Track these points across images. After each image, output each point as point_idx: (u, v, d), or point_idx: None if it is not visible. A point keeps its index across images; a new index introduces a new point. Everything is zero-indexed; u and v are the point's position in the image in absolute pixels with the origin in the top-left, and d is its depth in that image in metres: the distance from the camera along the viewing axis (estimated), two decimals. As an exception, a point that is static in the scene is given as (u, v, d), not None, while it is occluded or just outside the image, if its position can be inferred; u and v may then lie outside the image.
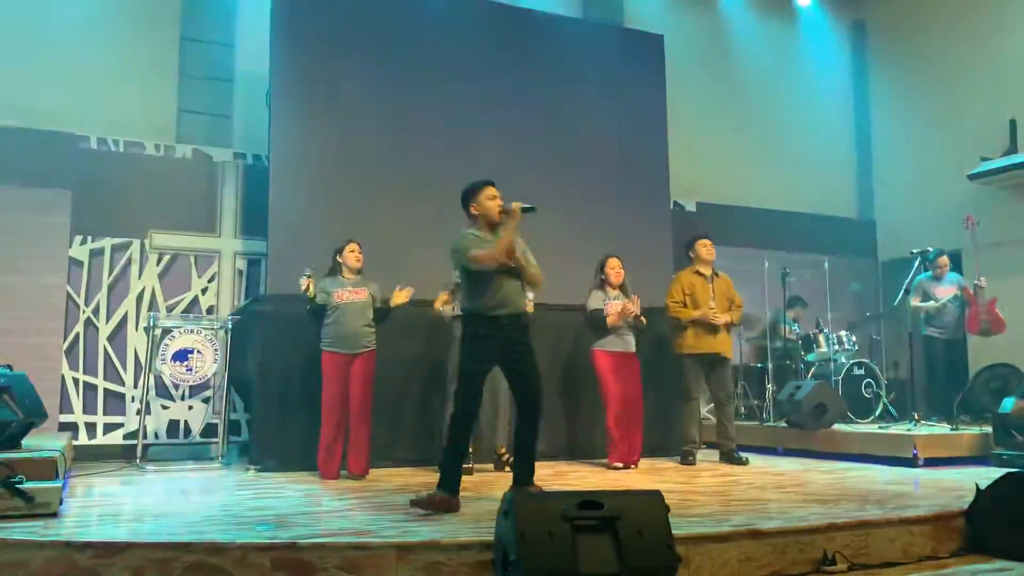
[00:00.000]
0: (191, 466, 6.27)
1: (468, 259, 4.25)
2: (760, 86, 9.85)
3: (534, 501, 3.10)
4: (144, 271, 6.98)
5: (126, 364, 6.86)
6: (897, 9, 10.36)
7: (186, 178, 7.22)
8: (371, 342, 5.77)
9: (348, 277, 5.82)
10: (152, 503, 4.53)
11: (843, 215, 10.38)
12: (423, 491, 4.14)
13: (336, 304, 5.70)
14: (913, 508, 4.06)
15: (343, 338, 5.68)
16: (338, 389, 5.64)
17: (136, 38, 7.36)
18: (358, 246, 5.88)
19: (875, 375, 7.97)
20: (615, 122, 7.87)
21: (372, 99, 7.00)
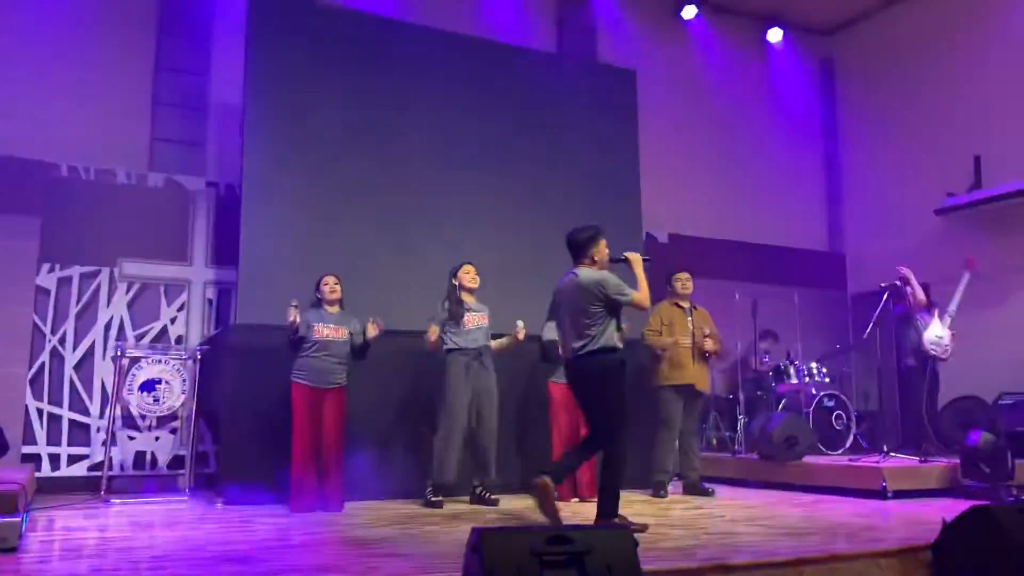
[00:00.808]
0: (157, 499, 6.17)
1: (630, 297, 4.69)
2: (732, 120, 9.99)
3: (502, 536, 3.07)
4: (113, 300, 6.90)
5: (92, 394, 6.75)
6: (865, 47, 10.60)
7: (157, 206, 7.18)
8: (342, 379, 5.75)
9: (330, 311, 5.80)
10: (115, 537, 4.45)
11: (813, 248, 10.51)
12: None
13: (315, 339, 5.67)
14: (881, 541, 4.08)
15: (315, 372, 5.65)
16: (308, 422, 5.59)
17: (109, 66, 7.34)
18: (334, 278, 5.86)
19: (845, 406, 8.03)
20: (588, 155, 7.93)
21: (346, 130, 7.01)
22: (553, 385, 6.32)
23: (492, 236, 7.29)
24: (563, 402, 6.22)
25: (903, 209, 9.67)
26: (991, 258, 8.69)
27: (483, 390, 6.01)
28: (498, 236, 7.32)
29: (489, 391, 6.04)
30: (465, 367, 5.95)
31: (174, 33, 7.56)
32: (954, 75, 9.35)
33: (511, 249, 7.34)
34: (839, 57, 11.02)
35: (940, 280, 8.97)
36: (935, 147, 9.43)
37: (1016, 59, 8.77)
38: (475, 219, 7.27)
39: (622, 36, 9.31)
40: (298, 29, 7.02)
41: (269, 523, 4.94)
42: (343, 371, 5.76)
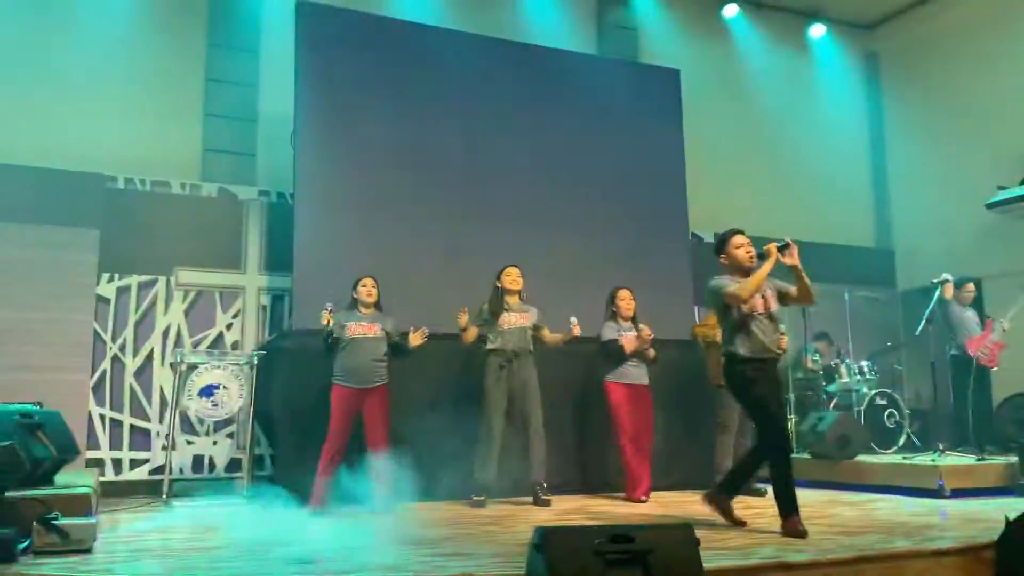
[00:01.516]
0: (217, 501, 6.31)
1: (724, 295, 4.52)
2: (776, 117, 9.92)
3: (565, 535, 3.11)
4: (170, 308, 7.08)
5: (151, 400, 6.93)
6: (909, 40, 10.46)
7: (211, 216, 7.34)
8: (383, 376, 5.81)
9: (363, 311, 5.89)
10: (182, 538, 4.57)
11: (861, 245, 10.40)
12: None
13: (349, 337, 5.75)
14: (941, 540, 4.05)
15: (353, 372, 5.73)
16: (343, 422, 5.67)
17: (162, 79, 7.53)
18: (371, 280, 5.95)
19: (897, 405, 7.94)
20: (634, 156, 7.96)
21: (393, 137, 7.13)
22: (611, 385, 6.35)
23: (538, 239, 7.34)
24: (623, 401, 6.28)
25: (952, 204, 9.53)
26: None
27: (521, 389, 6.06)
28: (544, 239, 7.38)
29: (528, 390, 6.08)
30: (499, 367, 6.02)
31: (224, 45, 7.74)
32: (1001, 66, 9.19)
33: (557, 252, 7.39)
34: (883, 51, 10.90)
35: (992, 275, 8.88)
36: (984, 140, 9.28)
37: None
38: (521, 222, 7.34)
39: (664, 36, 9.31)
40: (345, 39, 7.16)
41: (327, 524, 5.03)
42: (383, 369, 5.81)
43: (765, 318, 4.54)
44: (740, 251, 4.64)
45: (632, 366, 6.37)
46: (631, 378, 6.35)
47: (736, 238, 4.69)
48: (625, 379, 6.34)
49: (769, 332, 4.54)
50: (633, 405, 6.31)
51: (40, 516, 3.82)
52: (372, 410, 5.73)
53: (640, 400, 6.37)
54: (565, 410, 6.61)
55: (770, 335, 4.54)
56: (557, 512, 5.60)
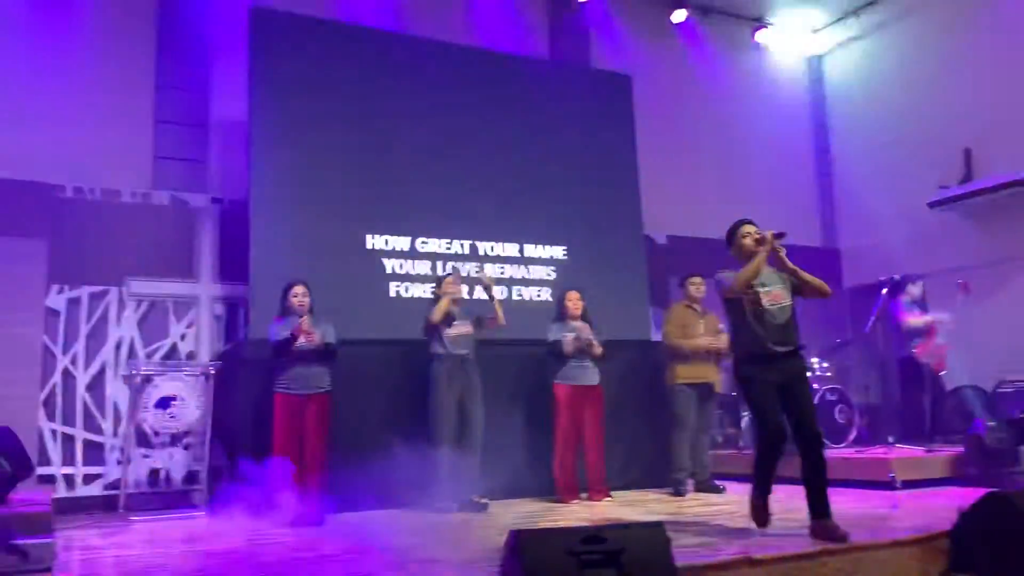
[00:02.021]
0: (175, 515, 6.20)
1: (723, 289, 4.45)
2: (726, 120, 10.10)
3: (539, 537, 3.15)
4: (122, 319, 6.94)
5: (105, 413, 6.78)
6: (854, 43, 10.74)
7: (163, 224, 7.20)
8: (325, 384, 5.80)
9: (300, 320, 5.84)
10: (144, 554, 4.49)
11: (808, 244, 10.63)
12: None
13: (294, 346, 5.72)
14: (898, 531, 4.18)
15: (294, 379, 5.71)
16: (288, 432, 5.64)
17: (110, 85, 7.35)
18: (302, 288, 5.90)
19: (848, 400, 8.14)
20: (587, 159, 8.04)
21: (347, 142, 7.09)
22: (557, 386, 6.41)
23: (494, 244, 7.40)
24: (566, 403, 6.34)
25: (896, 203, 9.81)
26: (984, 249, 8.86)
27: (470, 394, 6.11)
28: (500, 243, 7.43)
29: (476, 395, 6.14)
30: (448, 373, 6.05)
31: (173, 51, 7.60)
32: (943, 68, 9.50)
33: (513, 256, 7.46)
34: (828, 54, 11.17)
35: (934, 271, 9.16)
36: (926, 140, 9.56)
37: (1005, 52, 8.92)
38: (476, 228, 7.36)
39: (615, 41, 9.41)
40: (298, 44, 7.10)
41: (294, 535, 4.99)
42: (326, 376, 5.80)
43: (776, 311, 4.38)
44: (747, 240, 4.50)
45: (578, 367, 6.43)
46: (577, 379, 6.41)
47: (744, 227, 4.55)
48: (571, 380, 6.40)
49: (778, 327, 4.36)
50: (580, 406, 6.38)
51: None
52: (311, 418, 5.70)
53: (589, 401, 6.43)
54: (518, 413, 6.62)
55: (780, 330, 4.36)
56: (521, 515, 5.62)
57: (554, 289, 7.27)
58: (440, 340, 6.13)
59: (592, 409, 6.43)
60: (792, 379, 4.38)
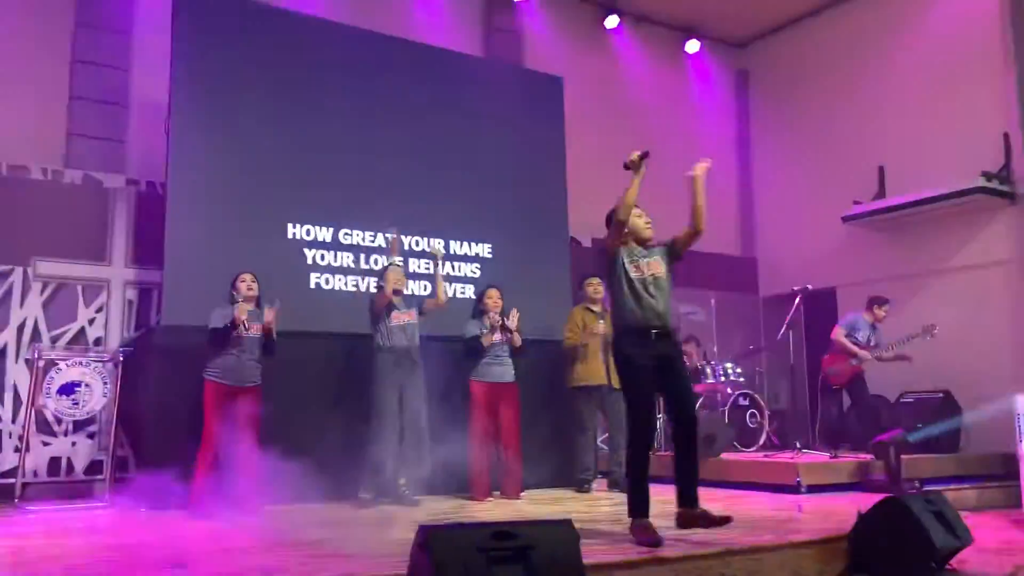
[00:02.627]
0: (74, 505, 5.98)
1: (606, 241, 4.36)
2: (653, 127, 10.20)
3: (449, 534, 3.14)
4: (27, 300, 6.65)
5: (3, 398, 6.50)
6: (778, 60, 11.05)
7: (75, 204, 6.94)
8: (257, 377, 5.74)
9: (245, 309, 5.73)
10: (37, 545, 4.32)
11: (728, 253, 10.89)
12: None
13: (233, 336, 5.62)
14: (801, 532, 4.30)
15: (230, 370, 5.62)
16: (218, 421, 5.52)
17: (24, 58, 7.07)
18: (251, 275, 5.84)
19: (759, 406, 8.35)
20: (516, 159, 8.05)
21: (272, 128, 6.93)
22: (473, 383, 6.42)
23: (419, 239, 7.36)
24: (481, 400, 6.38)
25: (812, 216, 10.12)
26: (894, 262, 9.21)
27: (411, 387, 6.08)
28: (425, 239, 7.39)
29: (418, 388, 6.12)
30: (392, 365, 6.01)
31: (93, 26, 7.33)
32: (861, 88, 9.83)
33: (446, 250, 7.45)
34: (752, 69, 11.46)
35: (845, 283, 9.50)
36: (843, 157, 9.90)
37: (917, 75, 9.30)
38: (401, 221, 7.28)
39: (548, 43, 9.48)
40: (224, 26, 6.93)
41: (199, 527, 4.87)
42: (258, 370, 5.75)
43: (651, 285, 4.28)
44: (640, 220, 4.49)
45: (494, 364, 6.44)
46: (493, 377, 6.42)
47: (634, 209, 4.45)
48: (487, 378, 6.41)
49: (657, 300, 4.25)
50: (495, 403, 6.40)
51: None
52: (244, 409, 5.60)
53: (504, 398, 6.45)
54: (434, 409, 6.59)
55: (658, 304, 4.25)
56: (434, 512, 5.60)
57: (478, 286, 7.26)
58: (382, 332, 6.07)
59: (508, 407, 6.45)
60: (670, 359, 4.25)
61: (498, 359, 6.45)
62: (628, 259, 4.35)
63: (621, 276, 4.31)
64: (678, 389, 4.27)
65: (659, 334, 4.24)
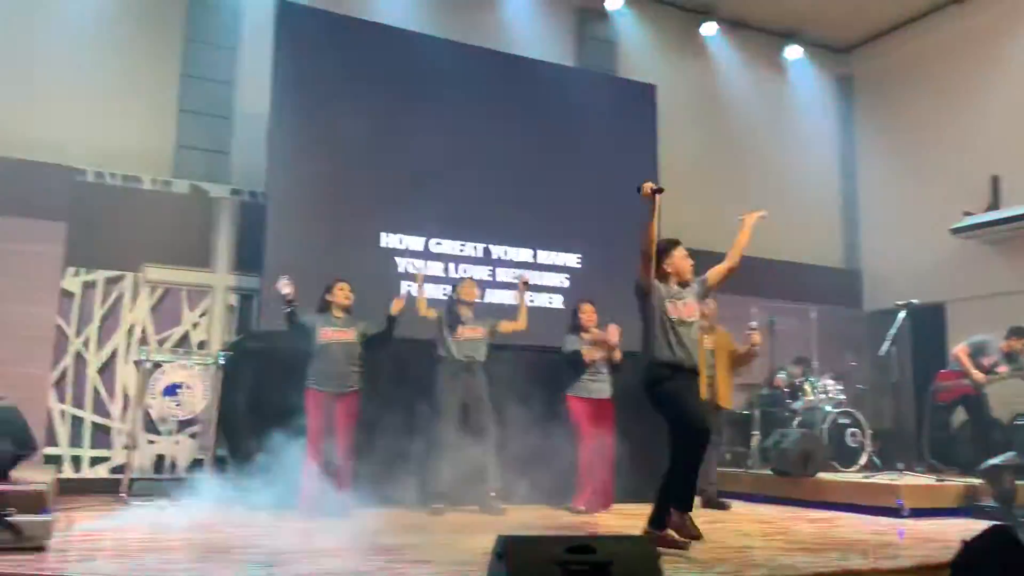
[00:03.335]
0: (177, 501, 6.22)
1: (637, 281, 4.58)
2: (750, 135, 10.04)
3: (527, 544, 3.11)
4: (136, 304, 6.99)
5: (114, 397, 6.84)
6: (884, 65, 10.64)
7: (182, 213, 7.26)
8: (356, 383, 5.84)
9: (337, 316, 5.87)
10: (140, 538, 4.51)
11: (829, 265, 10.53)
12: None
13: (322, 343, 5.76)
14: (898, 559, 4.10)
15: (327, 376, 5.74)
16: (320, 427, 5.66)
17: (136, 72, 7.45)
18: (347, 284, 5.96)
19: (860, 424, 8.03)
20: (607, 168, 8.00)
21: (368, 140, 7.12)
22: (572, 399, 6.38)
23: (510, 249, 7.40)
24: (582, 415, 6.34)
25: (920, 227, 9.69)
26: (1005, 279, 8.72)
27: (475, 400, 6.11)
28: (516, 249, 7.43)
29: (481, 400, 6.14)
30: (453, 376, 6.07)
31: (201, 41, 7.68)
32: (973, 94, 9.38)
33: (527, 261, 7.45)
34: (857, 75, 11.07)
35: (955, 299, 9.04)
36: (953, 166, 9.45)
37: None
38: (494, 231, 7.35)
39: (642, 52, 9.39)
40: (324, 41, 7.14)
41: (288, 528, 4.99)
42: (354, 376, 5.84)
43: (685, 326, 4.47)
44: (685, 262, 4.66)
45: (593, 380, 6.40)
46: (592, 392, 6.39)
47: (680, 248, 4.72)
48: (586, 393, 6.37)
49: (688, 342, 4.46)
50: (593, 419, 6.35)
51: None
52: (341, 415, 5.73)
53: (601, 414, 6.40)
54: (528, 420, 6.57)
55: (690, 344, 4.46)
56: (518, 522, 5.58)
57: (566, 297, 7.22)
58: (444, 344, 6.13)
59: (603, 422, 6.39)
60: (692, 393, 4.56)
61: (598, 376, 6.42)
62: (667, 297, 4.53)
63: (659, 314, 4.48)
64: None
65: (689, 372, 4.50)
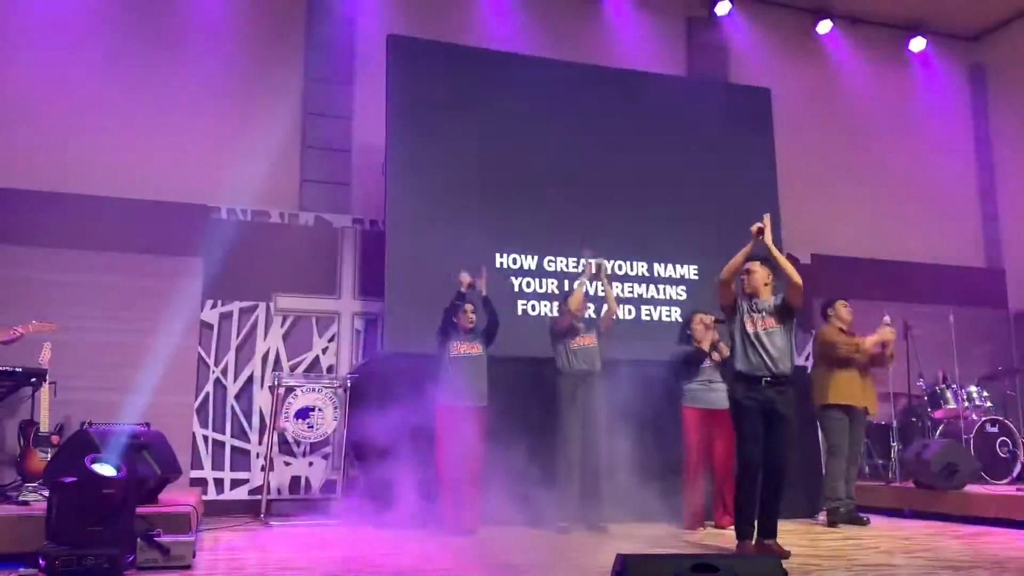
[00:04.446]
0: (311, 521, 6.46)
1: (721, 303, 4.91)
2: (875, 133, 9.63)
3: (645, 563, 3.08)
4: (269, 332, 7.33)
5: (251, 422, 7.18)
6: (1018, 50, 10.00)
7: (308, 244, 7.59)
8: (482, 400, 5.92)
9: (465, 334, 6.01)
10: (278, 558, 4.70)
11: (968, 264, 9.95)
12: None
13: (453, 356, 5.89)
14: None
15: (458, 391, 5.84)
16: (452, 442, 5.75)
17: (261, 113, 7.83)
18: (470, 305, 6.07)
19: (1011, 433, 7.52)
20: (725, 176, 7.87)
21: (481, 164, 7.26)
22: (685, 410, 6.28)
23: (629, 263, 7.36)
24: (695, 427, 6.24)
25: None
26: None
27: (591, 413, 6.07)
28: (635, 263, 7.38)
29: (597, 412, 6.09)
30: (572, 390, 6.05)
31: (319, 79, 8.02)
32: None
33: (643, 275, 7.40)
34: (990, 62, 10.46)
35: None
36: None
37: None
38: (612, 245, 7.32)
39: (755, 56, 9.17)
40: (433, 69, 7.34)
41: (417, 546, 5.10)
42: (482, 392, 5.92)
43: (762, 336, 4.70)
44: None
45: (707, 390, 6.25)
46: (706, 403, 6.23)
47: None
48: (700, 404, 6.24)
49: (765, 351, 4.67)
50: (708, 429, 6.20)
51: (143, 533, 4.00)
52: (470, 431, 5.80)
53: (718, 424, 6.21)
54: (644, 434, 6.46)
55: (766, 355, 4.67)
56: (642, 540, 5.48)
57: (684, 309, 7.11)
58: (564, 356, 6.13)
59: (721, 433, 6.22)
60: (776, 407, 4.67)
61: (712, 385, 6.27)
62: (747, 312, 4.82)
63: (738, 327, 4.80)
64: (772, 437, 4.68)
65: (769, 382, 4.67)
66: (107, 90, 7.45)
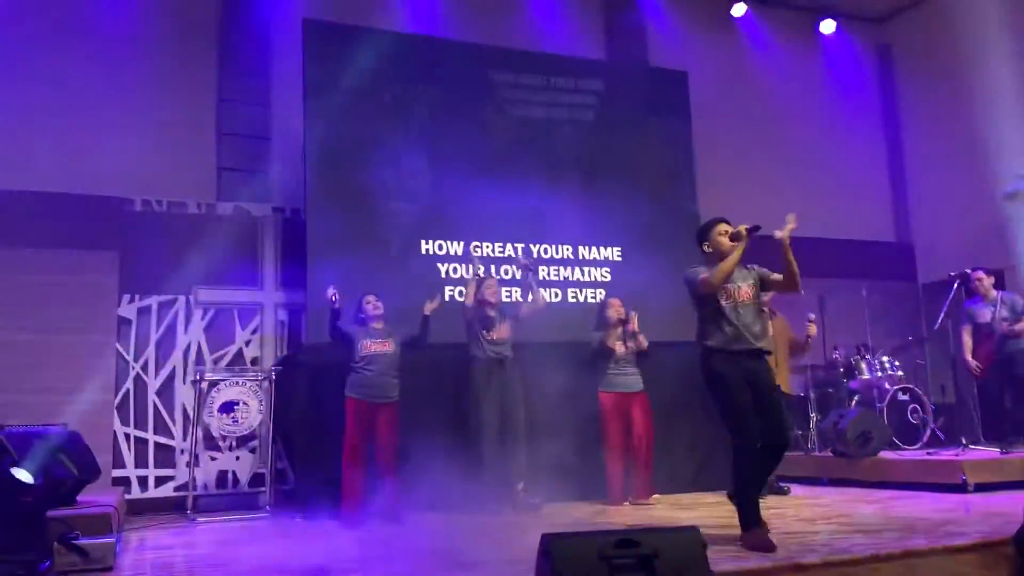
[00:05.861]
0: (239, 516, 6.37)
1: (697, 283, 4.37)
2: (788, 114, 9.87)
3: (570, 541, 3.13)
4: (190, 326, 7.17)
5: (175, 417, 7.03)
6: (923, 30, 10.36)
7: (227, 234, 7.39)
8: (395, 394, 5.92)
9: (375, 327, 5.97)
10: (204, 554, 4.64)
11: (880, 239, 10.31)
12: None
13: (363, 354, 5.86)
14: (960, 536, 4.01)
15: (368, 387, 5.83)
16: (360, 436, 5.77)
17: (175, 100, 7.61)
18: (374, 296, 6.07)
19: (921, 400, 7.85)
20: (643, 158, 7.96)
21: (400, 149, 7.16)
22: (601, 394, 6.45)
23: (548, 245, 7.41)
24: (612, 410, 6.40)
25: (972, 195, 9.43)
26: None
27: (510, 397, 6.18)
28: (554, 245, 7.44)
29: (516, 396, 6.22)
30: (487, 376, 6.15)
31: (234, 64, 7.83)
32: (1019, 52, 9.07)
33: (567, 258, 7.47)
34: (897, 43, 10.81)
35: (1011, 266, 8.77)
36: (1004, 129, 9.15)
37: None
38: (533, 228, 7.36)
39: (672, 38, 9.29)
40: (350, 54, 7.21)
41: (347, 537, 5.08)
42: (395, 386, 5.93)
43: (742, 307, 4.35)
44: (724, 239, 4.46)
45: (621, 375, 6.45)
46: (621, 387, 6.43)
47: (721, 226, 4.52)
48: (615, 388, 6.43)
49: (747, 322, 4.34)
50: (625, 412, 6.40)
51: (60, 536, 3.90)
52: (383, 425, 5.82)
53: (634, 406, 6.43)
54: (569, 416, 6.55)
55: (749, 326, 4.34)
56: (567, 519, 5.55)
57: (609, 291, 7.21)
58: (479, 343, 6.19)
59: (639, 414, 6.43)
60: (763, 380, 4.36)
61: (625, 369, 6.48)
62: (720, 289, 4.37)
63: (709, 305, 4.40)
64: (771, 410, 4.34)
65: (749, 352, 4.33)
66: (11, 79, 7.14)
